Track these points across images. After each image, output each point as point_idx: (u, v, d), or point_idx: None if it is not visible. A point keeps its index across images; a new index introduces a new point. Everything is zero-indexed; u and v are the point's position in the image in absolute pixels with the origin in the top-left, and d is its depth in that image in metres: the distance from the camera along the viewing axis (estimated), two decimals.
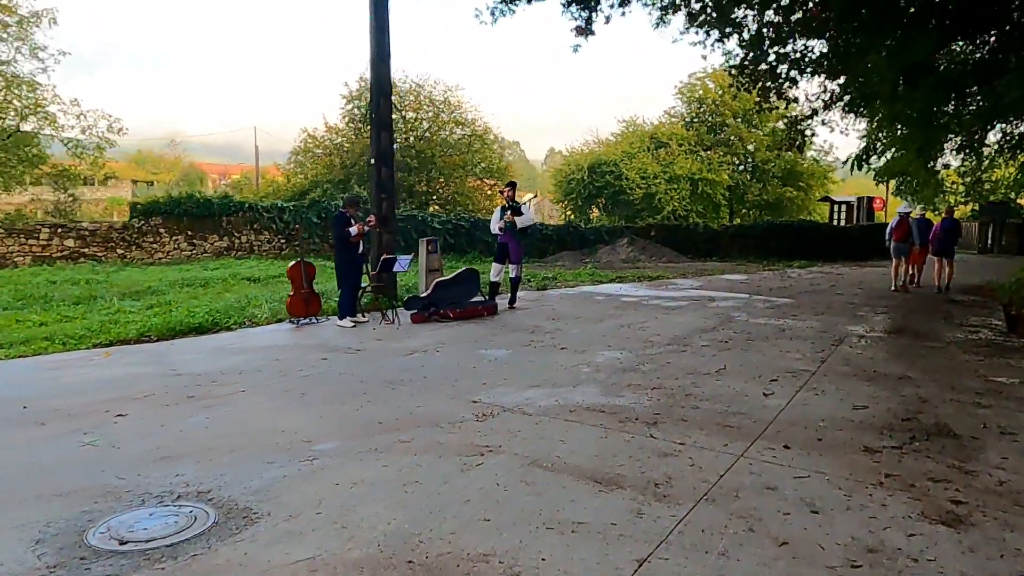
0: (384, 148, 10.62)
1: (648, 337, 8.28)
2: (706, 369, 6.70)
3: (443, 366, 6.87)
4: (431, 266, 11.17)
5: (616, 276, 15.23)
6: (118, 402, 5.62)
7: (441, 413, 5.31)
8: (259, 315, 9.63)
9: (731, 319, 9.56)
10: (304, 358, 7.23)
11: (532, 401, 5.62)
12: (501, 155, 40.48)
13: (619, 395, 5.81)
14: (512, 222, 10.37)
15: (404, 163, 34.12)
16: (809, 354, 7.38)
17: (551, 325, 9.08)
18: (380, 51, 10.41)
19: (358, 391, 5.95)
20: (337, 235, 9.17)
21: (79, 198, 28.99)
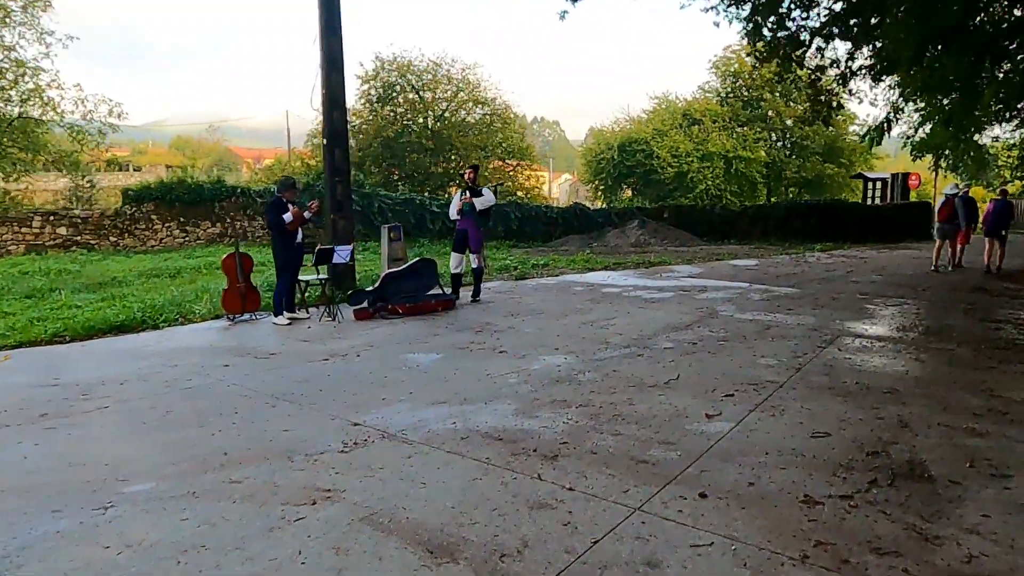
0: (337, 127, 9.74)
1: (608, 337, 7.29)
2: (655, 379, 5.70)
3: (353, 375, 6.00)
4: (394, 255, 10.30)
5: (613, 263, 14.16)
6: None
7: (307, 440, 4.44)
8: (199, 311, 8.88)
9: (714, 314, 8.49)
10: (205, 364, 6.43)
11: (424, 424, 4.72)
12: (523, 135, 39.36)
13: (533, 415, 4.86)
14: (470, 203, 9.42)
15: (419, 144, 33.33)
16: (786, 360, 6.31)
17: (505, 322, 8.13)
18: (329, 21, 9.49)
19: (231, 409, 5.12)
20: (271, 222, 8.32)
21: (96, 184, 28.84)
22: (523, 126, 40.21)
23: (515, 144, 37.55)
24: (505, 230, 19.66)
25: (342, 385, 5.68)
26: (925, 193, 51.56)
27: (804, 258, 16.11)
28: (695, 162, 34.57)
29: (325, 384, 5.72)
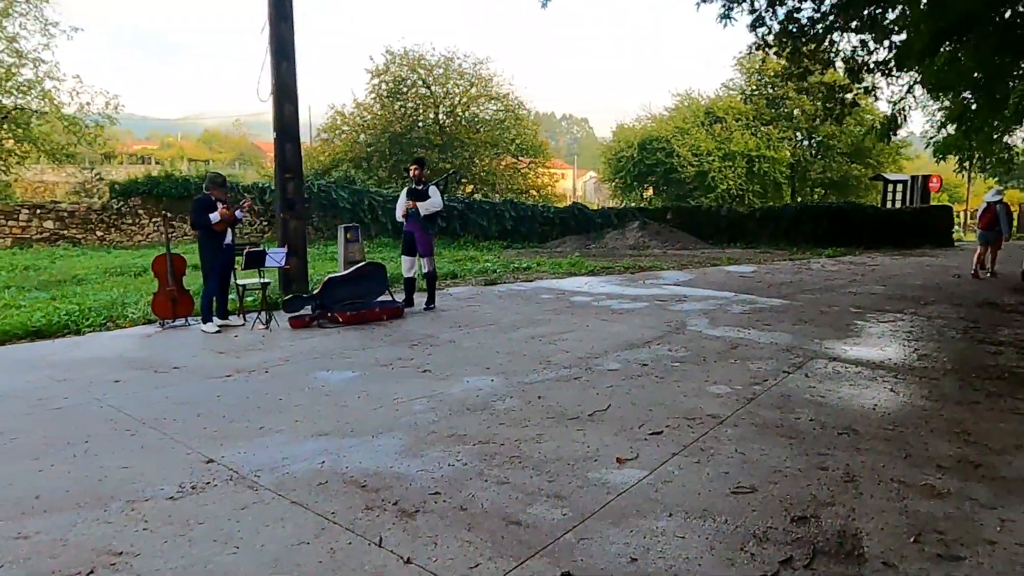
0: (287, 120, 9.12)
1: (552, 355, 6.58)
2: (581, 410, 4.99)
3: (245, 396, 5.36)
4: (351, 258, 9.67)
5: (601, 267, 13.39)
6: None
7: (141, 480, 3.81)
8: (132, 315, 8.32)
9: (682, 329, 7.73)
10: (96, 379, 5.83)
11: (288, 463, 4.06)
12: (536, 132, 38.60)
13: (420, 453, 4.19)
14: (415, 208, 8.76)
15: (427, 140, 32.73)
16: (741, 387, 5.55)
17: (448, 335, 7.45)
18: (280, 7, 8.87)
19: (84, 437, 4.51)
20: (196, 222, 7.72)
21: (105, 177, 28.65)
22: (536, 123, 39.42)
23: (528, 141, 36.83)
24: (499, 230, 18.96)
25: (225, 409, 5.04)
26: (958, 195, 49.85)
27: (808, 264, 15.20)
28: (716, 161, 33.58)
29: (208, 407, 5.08)
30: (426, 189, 8.83)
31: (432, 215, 8.84)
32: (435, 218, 8.96)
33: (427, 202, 8.76)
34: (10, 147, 21.11)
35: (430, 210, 8.77)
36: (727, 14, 10.13)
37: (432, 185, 8.94)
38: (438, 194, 8.84)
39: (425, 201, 8.77)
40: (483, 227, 18.76)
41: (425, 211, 8.74)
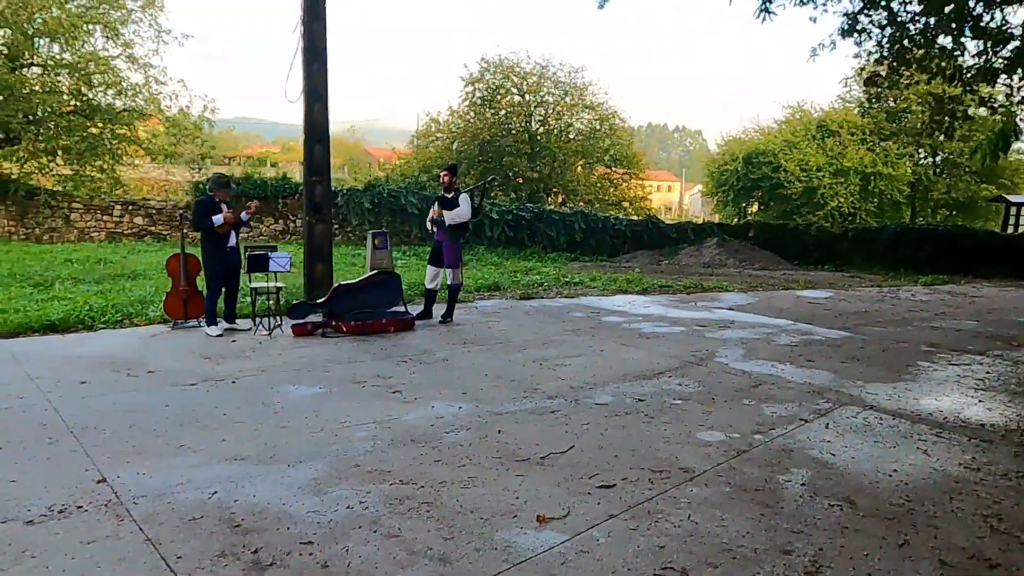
0: (317, 122, 8.93)
1: (543, 382, 5.98)
2: (537, 450, 4.40)
3: (192, 408, 5.07)
4: (378, 265, 9.38)
5: (660, 284, 12.54)
6: None
7: (20, 498, 3.57)
8: (151, 313, 8.32)
9: (706, 360, 6.93)
10: (64, 378, 5.73)
11: (180, 489, 3.72)
12: (631, 142, 37.66)
13: (325, 490, 3.74)
14: (441, 218, 8.33)
15: (516, 148, 32.47)
16: (738, 436, 4.78)
17: (447, 352, 6.97)
18: (313, 5, 8.69)
19: (2, 441, 4.31)
20: (198, 224, 7.59)
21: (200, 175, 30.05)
22: (631, 133, 38.43)
23: (623, 151, 35.96)
24: (568, 241, 18.34)
25: (160, 422, 4.76)
26: None
27: (895, 293, 13.75)
28: (826, 177, 31.60)
29: (145, 418, 4.82)
30: (456, 197, 8.40)
31: (459, 225, 8.39)
32: (463, 228, 8.51)
33: (454, 211, 8.32)
34: (116, 147, 22.29)
35: (456, 220, 8.32)
36: (766, 7, 9.11)
37: (464, 193, 8.50)
38: (468, 203, 8.38)
39: (452, 210, 8.32)
40: (551, 238, 18.20)
41: (451, 220, 8.30)
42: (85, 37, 22.46)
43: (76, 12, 21.35)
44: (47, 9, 20.77)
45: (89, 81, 21.93)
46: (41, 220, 19.20)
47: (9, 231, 19.36)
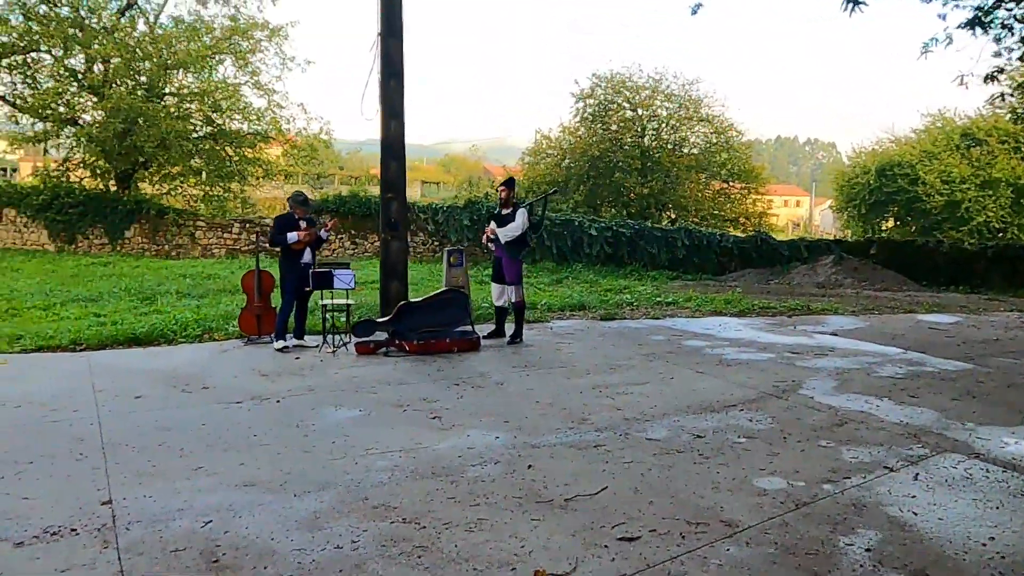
0: (393, 138, 8.89)
1: (597, 412, 5.53)
2: (564, 491, 4.00)
3: (226, 428, 5.02)
4: (454, 283, 9.18)
5: (759, 306, 11.64)
6: None
7: (25, 517, 3.58)
8: (231, 328, 8.52)
9: (787, 393, 6.22)
10: (121, 391, 5.87)
11: (176, 516, 3.61)
12: (748, 156, 36.08)
13: (323, 526, 3.53)
14: (495, 235, 8.04)
15: (626, 164, 31.83)
16: (803, 484, 4.16)
17: (502, 376, 6.64)
18: (390, 22, 8.69)
19: (37, 455, 4.41)
20: (274, 240, 7.67)
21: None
22: (748, 146, 36.77)
23: (740, 165, 34.53)
24: (670, 259, 17.56)
25: (189, 441, 4.72)
26: None
27: None
28: (972, 190, 28.88)
29: (177, 437, 4.79)
30: (513, 213, 8.11)
31: (518, 241, 8.09)
32: (522, 244, 8.20)
33: (507, 227, 8.04)
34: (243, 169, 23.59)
35: (510, 235, 8.03)
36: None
37: (521, 208, 8.20)
38: (523, 218, 8.07)
39: (506, 226, 8.04)
40: (653, 255, 17.50)
41: (505, 237, 8.02)
42: (216, 66, 24.02)
43: (209, 44, 22.83)
44: (184, 42, 22.35)
45: (218, 107, 23.36)
46: (169, 237, 20.53)
47: (143, 247, 20.82)
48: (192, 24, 23.00)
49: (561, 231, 18.06)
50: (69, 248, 20.42)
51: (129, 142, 20.08)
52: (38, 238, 20.78)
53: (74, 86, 21.46)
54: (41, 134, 22.25)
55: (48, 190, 20.76)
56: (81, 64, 21.51)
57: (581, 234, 17.93)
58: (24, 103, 21.39)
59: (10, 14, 21.08)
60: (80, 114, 21.90)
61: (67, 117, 21.37)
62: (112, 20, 21.83)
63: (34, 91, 21.22)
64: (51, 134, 22.09)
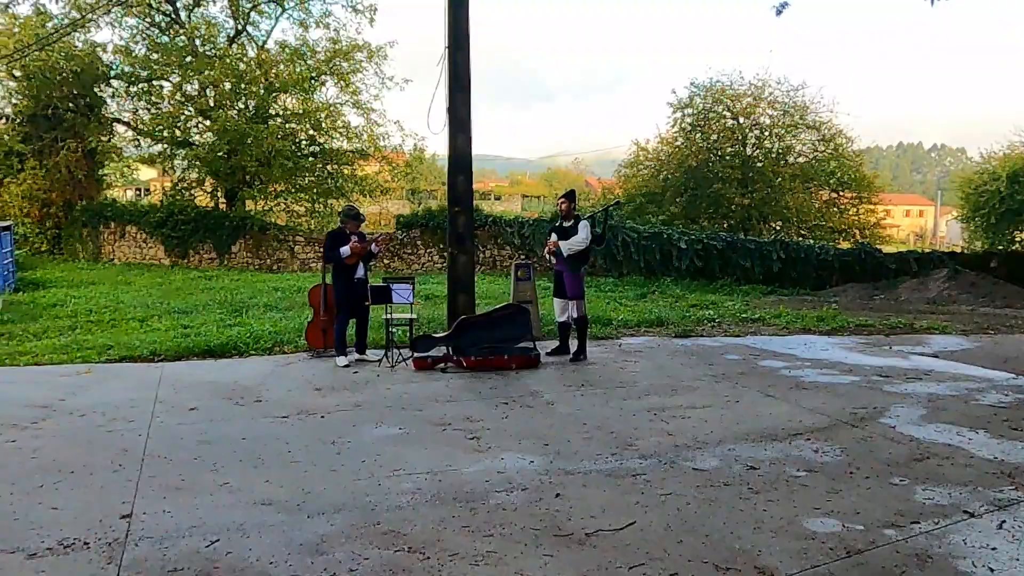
0: (460, 153, 8.84)
1: (645, 437, 5.19)
2: (586, 523, 3.73)
3: (264, 443, 5.03)
4: (521, 297, 9.02)
5: (855, 324, 10.77)
6: None
7: (47, 528, 3.68)
8: (300, 341, 8.67)
9: (865, 421, 5.64)
10: (178, 403, 6.03)
11: (187, 535, 3.60)
12: (859, 163, 34.10)
13: (327, 551, 3.44)
14: (557, 248, 7.78)
15: (725, 174, 30.76)
16: (862, 528, 3.70)
17: (554, 395, 6.38)
18: (457, 35, 8.66)
19: (83, 464, 4.54)
20: (326, 254, 7.73)
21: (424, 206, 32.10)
22: (858, 153, 34.71)
23: (851, 174, 32.68)
24: (764, 272, 16.67)
25: (225, 456, 4.75)
26: None
27: None
28: None
29: (215, 451, 4.84)
30: (575, 225, 7.85)
31: (580, 255, 7.81)
32: (584, 258, 7.91)
33: (570, 240, 7.78)
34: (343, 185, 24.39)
35: (574, 249, 7.76)
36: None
37: (584, 220, 7.93)
38: (587, 230, 7.79)
39: (568, 239, 7.78)
40: (746, 269, 16.68)
41: (568, 250, 7.76)
42: (318, 88, 24.98)
43: (312, 67, 23.81)
44: (288, 65, 23.39)
45: (320, 126, 24.29)
46: (271, 252, 21.44)
47: (247, 262, 21.83)
48: (297, 48, 24.00)
49: (649, 244, 17.56)
50: (182, 262, 21.68)
51: (234, 161, 21.14)
52: (155, 253, 22.16)
53: (188, 110, 22.87)
54: (158, 156, 23.81)
55: (164, 208, 22.13)
56: (194, 89, 22.88)
57: (670, 247, 17.35)
58: (144, 127, 22.99)
59: (133, 44, 22.80)
60: (193, 136, 23.31)
61: (181, 139, 22.77)
62: (223, 48, 23.15)
63: (153, 115, 22.75)
64: (167, 155, 23.59)
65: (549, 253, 8.06)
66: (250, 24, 24.79)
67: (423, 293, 13.78)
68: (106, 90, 23.51)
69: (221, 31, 23.76)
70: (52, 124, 21.91)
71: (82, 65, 21.36)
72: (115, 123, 23.92)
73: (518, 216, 20.87)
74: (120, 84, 23.58)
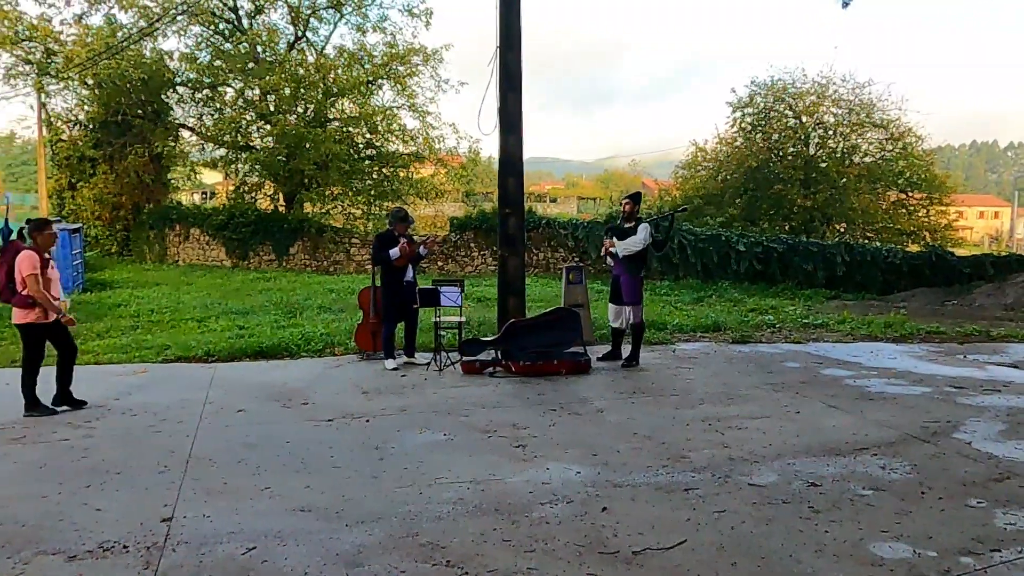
0: (511, 154, 8.72)
1: (699, 449, 4.96)
2: (633, 541, 3.55)
3: (307, 448, 4.99)
4: (572, 300, 8.84)
5: (927, 331, 10.22)
6: None
7: (88, 530, 3.67)
8: (351, 343, 8.68)
9: (937, 436, 5.28)
10: (227, 405, 6.05)
11: (224, 540, 3.56)
12: (930, 163, 32.72)
13: (362, 562, 3.36)
14: (614, 249, 7.56)
15: (786, 174, 29.90)
16: (935, 555, 3.42)
17: (604, 403, 6.18)
18: (508, 35, 8.55)
19: (128, 465, 4.58)
20: (374, 256, 7.69)
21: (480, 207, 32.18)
22: (928, 152, 33.31)
23: (920, 173, 31.39)
24: (828, 276, 16.04)
25: (268, 460, 4.72)
26: None
27: None
28: None
29: (258, 455, 4.81)
30: (635, 227, 7.62)
31: (637, 258, 7.58)
32: (641, 262, 7.67)
33: (627, 241, 7.55)
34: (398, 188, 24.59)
35: (629, 250, 7.53)
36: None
37: (645, 223, 7.69)
38: (646, 233, 7.55)
39: (626, 240, 7.56)
40: (808, 272, 16.08)
41: (624, 251, 7.54)
42: (375, 92, 25.25)
43: (369, 71, 24.08)
44: (347, 70, 23.69)
45: (376, 129, 24.54)
46: (327, 254, 21.73)
47: (304, 263, 22.18)
48: (354, 53, 24.30)
49: (706, 247, 17.12)
50: (242, 264, 22.16)
51: (292, 165, 21.51)
52: (217, 255, 22.71)
53: (250, 115, 23.38)
54: (220, 160, 24.43)
55: (225, 211, 22.67)
56: (255, 94, 23.39)
57: (728, 250, 16.89)
58: (207, 131, 23.62)
59: (198, 52, 23.46)
60: (254, 140, 23.83)
61: (242, 143, 23.30)
62: (283, 53, 23.60)
63: (216, 120, 23.35)
64: (229, 160, 24.17)
65: (606, 253, 7.86)
66: (309, 30, 25.21)
67: (475, 296, 13.72)
68: (172, 96, 24.23)
69: (281, 37, 24.23)
70: (122, 130, 22.70)
71: (150, 73, 22.07)
72: (180, 128, 24.64)
73: (572, 218, 20.65)
74: (185, 90, 24.30)
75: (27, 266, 5.44)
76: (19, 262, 5.48)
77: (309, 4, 24.36)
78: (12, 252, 5.59)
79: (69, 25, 22.42)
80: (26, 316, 5.57)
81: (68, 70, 21.75)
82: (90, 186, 23.04)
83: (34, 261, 5.48)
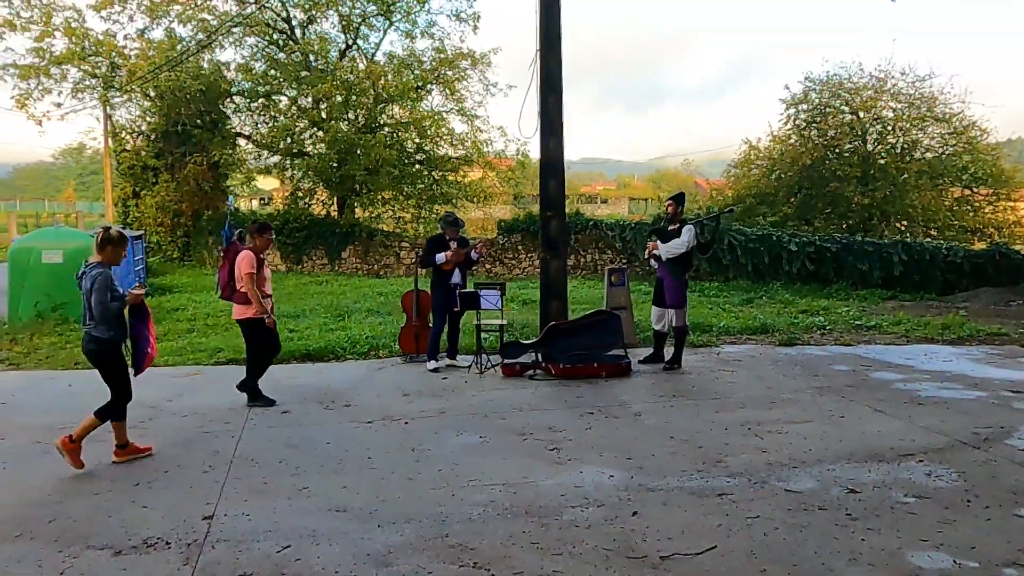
0: (553, 157, 8.71)
1: (737, 453, 4.89)
2: (664, 546, 3.54)
3: (346, 449, 5.11)
4: (615, 302, 8.80)
5: (986, 333, 9.77)
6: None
7: (134, 527, 3.84)
8: (395, 346, 8.81)
9: (989, 441, 5.08)
10: (275, 408, 6.19)
11: (261, 539, 3.69)
12: (997, 157, 31.41)
13: (392, 562, 3.44)
14: (657, 251, 7.49)
15: (842, 171, 29.11)
16: (976, 566, 3.32)
17: (642, 406, 6.13)
18: (548, 36, 8.55)
19: (175, 466, 4.75)
20: (423, 260, 7.78)
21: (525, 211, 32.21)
22: (995, 146, 31.94)
23: (986, 168, 30.18)
24: (884, 276, 15.54)
25: (308, 460, 4.85)
26: None
27: None
28: None
29: (300, 455, 4.95)
30: (679, 229, 7.54)
31: (682, 260, 7.49)
32: (686, 264, 7.58)
33: (670, 243, 7.47)
34: (447, 192, 24.84)
35: (673, 252, 7.45)
36: None
37: (689, 225, 7.61)
38: (690, 235, 7.46)
39: (669, 242, 7.48)
40: (863, 272, 15.60)
41: (667, 254, 7.47)
42: (425, 97, 25.56)
43: (418, 76, 24.40)
44: (397, 76, 24.04)
45: (425, 134, 24.84)
46: (378, 258, 22.08)
47: (356, 267, 22.59)
48: (403, 59, 24.65)
49: (757, 247, 16.80)
50: (296, 268, 22.70)
51: (344, 171, 21.94)
52: (272, 259, 23.27)
53: (303, 122, 23.94)
54: (274, 167, 25.07)
55: (280, 216, 23.24)
56: (308, 102, 23.93)
57: (779, 250, 16.54)
58: (262, 139, 24.27)
59: (253, 62, 24.14)
60: (307, 147, 24.38)
61: (296, 150, 23.87)
62: (334, 62, 24.10)
63: (270, 128, 23.98)
64: (283, 166, 24.78)
65: (650, 255, 7.80)
66: (360, 38, 25.66)
67: (521, 298, 13.75)
68: (229, 106, 24.97)
69: (333, 46, 24.73)
70: (182, 139, 23.50)
71: (208, 83, 22.80)
72: (237, 137, 25.38)
73: (620, 219, 20.52)
74: (241, 100, 25.03)
75: (246, 264, 6.00)
76: (239, 261, 6.03)
77: (360, 12, 24.83)
78: (233, 252, 6.19)
79: (132, 40, 23.34)
80: (246, 312, 6.14)
81: (131, 83, 22.64)
82: (152, 194, 23.90)
83: (252, 261, 6.04)
